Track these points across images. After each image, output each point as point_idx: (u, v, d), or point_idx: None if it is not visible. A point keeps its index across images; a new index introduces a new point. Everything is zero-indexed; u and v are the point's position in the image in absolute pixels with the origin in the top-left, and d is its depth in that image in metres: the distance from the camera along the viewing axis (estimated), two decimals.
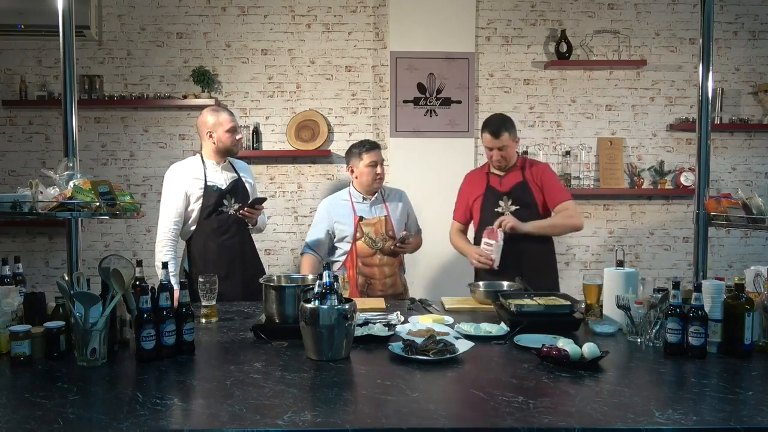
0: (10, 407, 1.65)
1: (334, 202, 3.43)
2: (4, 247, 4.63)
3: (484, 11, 4.71)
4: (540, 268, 3.20)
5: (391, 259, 3.34)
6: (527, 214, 3.16)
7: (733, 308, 2.09)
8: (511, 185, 3.23)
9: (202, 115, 3.24)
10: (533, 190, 3.21)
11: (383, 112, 4.70)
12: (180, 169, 3.22)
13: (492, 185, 3.27)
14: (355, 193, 3.41)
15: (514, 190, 3.22)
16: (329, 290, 2.05)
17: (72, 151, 2.51)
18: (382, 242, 3.31)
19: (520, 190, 3.22)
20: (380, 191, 3.43)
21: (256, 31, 4.68)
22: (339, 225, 3.35)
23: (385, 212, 3.39)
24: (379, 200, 3.42)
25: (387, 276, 3.33)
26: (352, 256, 3.30)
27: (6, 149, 4.65)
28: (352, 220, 3.33)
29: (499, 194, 3.23)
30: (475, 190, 3.33)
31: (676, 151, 4.81)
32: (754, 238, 4.86)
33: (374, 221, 3.34)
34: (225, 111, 3.25)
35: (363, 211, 3.36)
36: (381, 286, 3.30)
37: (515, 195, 3.21)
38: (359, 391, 1.79)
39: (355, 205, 3.38)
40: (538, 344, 2.10)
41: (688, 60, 4.75)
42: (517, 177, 3.24)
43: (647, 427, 1.51)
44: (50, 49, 4.58)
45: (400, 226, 3.40)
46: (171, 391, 1.79)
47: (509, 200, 3.21)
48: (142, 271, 2.23)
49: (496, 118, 3.24)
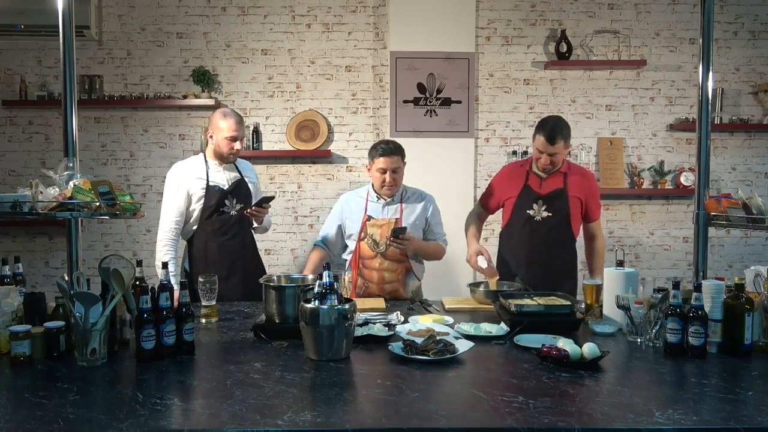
0: (10, 407, 1.65)
1: (350, 198, 3.34)
2: (4, 247, 4.63)
3: (484, 11, 4.71)
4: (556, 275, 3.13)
5: (395, 265, 3.16)
6: (557, 222, 3.11)
7: (733, 308, 2.09)
8: (549, 190, 3.13)
9: (213, 114, 3.21)
10: (570, 201, 3.12)
11: (383, 112, 4.70)
12: (182, 168, 3.20)
13: (530, 185, 3.16)
14: (371, 192, 3.27)
15: (552, 196, 3.12)
16: (329, 290, 2.05)
17: (72, 151, 2.51)
18: (385, 246, 3.14)
19: (558, 197, 3.13)
20: (402, 191, 3.27)
21: (256, 31, 4.68)
22: (348, 222, 3.25)
23: (398, 215, 3.22)
24: (396, 201, 3.24)
25: (386, 282, 3.16)
26: (356, 256, 3.20)
27: (6, 149, 4.66)
28: (361, 218, 3.20)
29: (536, 196, 3.13)
30: (512, 187, 3.21)
31: (676, 151, 4.81)
32: (754, 238, 4.87)
33: (382, 223, 3.17)
34: (233, 118, 3.14)
35: (374, 211, 3.22)
36: (378, 291, 3.15)
37: (551, 201, 3.12)
38: (359, 391, 1.79)
39: (369, 203, 3.24)
40: (538, 344, 2.10)
41: (688, 60, 4.75)
42: (557, 182, 3.14)
43: (647, 427, 1.51)
44: (50, 49, 4.58)
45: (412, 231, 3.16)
46: (171, 391, 1.78)
47: (543, 205, 3.12)
48: (142, 271, 2.23)
49: (554, 122, 3.08)
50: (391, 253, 3.15)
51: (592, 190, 3.22)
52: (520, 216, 3.17)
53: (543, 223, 3.12)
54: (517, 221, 3.16)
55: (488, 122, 4.75)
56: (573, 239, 3.19)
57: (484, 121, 4.75)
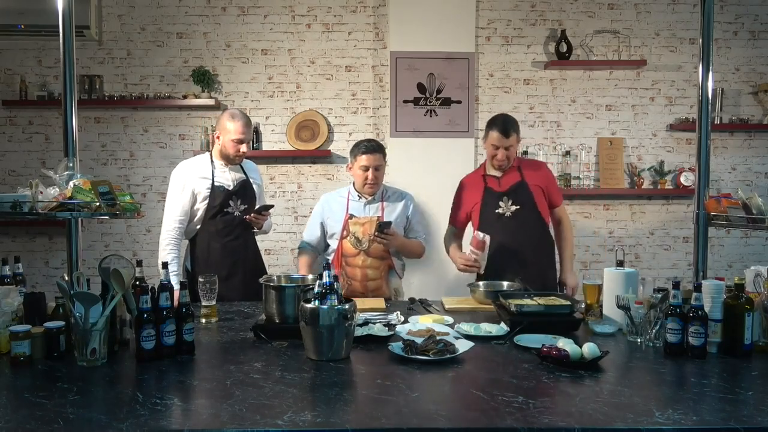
0: (10, 407, 1.65)
1: (330, 198, 3.39)
2: (4, 247, 4.63)
3: (484, 11, 4.70)
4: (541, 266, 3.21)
5: (377, 262, 3.21)
6: (527, 214, 3.17)
7: (733, 308, 2.09)
8: (509, 185, 3.22)
9: (222, 115, 3.21)
10: (532, 190, 3.20)
11: (383, 112, 4.70)
12: (188, 167, 3.19)
13: (490, 186, 3.25)
14: (352, 191, 3.34)
15: (514, 190, 3.21)
16: (329, 290, 2.05)
17: (72, 151, 2.51)
18: (368, 243, 3.18)
19: (520, 189, 3.21)
20: (382, 191, 3.34)
21: (256, 31, 4.68)
22: (330, 221, 3.30)
23: (379, 213, 3.29)
24: (377, 200, 3.32)
25: (369, 279, 3.21)
26: (338, 254, 3.25)
27: (6, 149, 4.66)
28: (343, 217, 3.26)
29: (499, 195, 3.21)
30: (473, 195, 3.29)
31: (676, 151, 4.81)
32: (754, 238, 4.86)
33: (364, 221, 3.23)
34: (241, 120, 3.14)
35: (356, 210, 3.29)
36: (362, 289, 3.18)
37: (515, 195, 3.20)
38: (359, 391, 1.80)
39: (350, 202, 3.31)
40: (538, 344, 2.10)
41: (688, 60, 4.75)
42: (515, 177, 3.24)
43: (647, 427, 1.51)
44: (50, 49, 4.58)
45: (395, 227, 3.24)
46: (171, 391, 1.78)
47: (509, 200, 3.19)
48: (142, 271, 2.23)
49: (504, 118, 3.24)
50: (374, 250, 3.20)
51: (548, 178, 3.32)
52: (489, 217, 3.20)
53: (513, 217, 3.17)
54: (488, 223, 3.18)
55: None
56: (546, 226, 3.26)
57: (484, 121, 4.68)
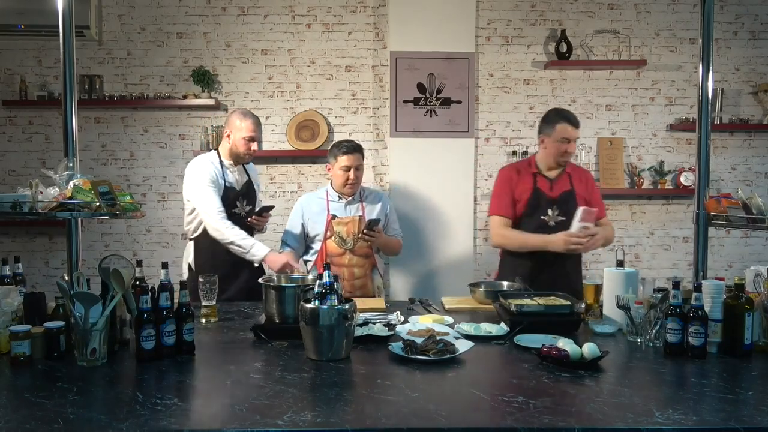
0: (10, 407, 1.65)
1: (309, 199, 3.41)
2: (4, 247, 4.63)
3: (484, 11, 4.70)
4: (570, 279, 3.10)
5: (362, 260, 3.29)
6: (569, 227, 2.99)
7: (733, 308, 2.09)
8: (560, 192, 3.07)
9: (232, 114, 3.22)
10: (578, 202, 3.06)
11: (383, 112, 4.70)
12: (207, 163, 3.18)
13: (540, 188, 3.08)
14: (331, 192, 3.36)
15: (564, 200, 3.06)
16: (329, 290, 2.05)
17: (72, 151, 2.51)
18: (353, 242, 3.24)
19: (569, 199, 3.07)
20: (360, 191, 3.38)
21: (256, 31, 4.68)
22: (311, 222, 3.32)
23: (360, 212, 3.33)
24: (356, 200, 3.36)
25: (356, 277, 3.27)
26: (321, 255, 3.27)
27: (6, 149, 4.65)
28: (325, 218, 3.29)
29: (549, 201, 3.06)
30: (523, 190, 3.08)
31: (676, 151, 4.81)
32: (754, 238, 4.86)
33: (347, 221, 3.28)
34: (252, 118, 3.17)
35: (337, 210, 3.32)
36: (349, 287, 3.23)
37: (564, 205, 3.05)
38: (359, 391, 1.79)
39: (330, 203, 3.34)
40: (538, 344, 2.10)
41: (688, 60, 4.75)
42: (565, 184, 3.10)
43: (647, 427, 1.51)
44: (50, 49, 4.58)
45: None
46: (171, 391, 1.78)
47: (557, 210, 3.05)
48: (142, 271, 2.24)
49: (566, 110, 3.09)
50: (359, 248, 3.26)
51: (594, 190, 3.24)
52: (533, 221, 3.08)
53: (557, 228, 3.04)
54: (531, 227, 3.06)
55: (488, 122, 4.75)
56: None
57: (484, 121, 4.75)
